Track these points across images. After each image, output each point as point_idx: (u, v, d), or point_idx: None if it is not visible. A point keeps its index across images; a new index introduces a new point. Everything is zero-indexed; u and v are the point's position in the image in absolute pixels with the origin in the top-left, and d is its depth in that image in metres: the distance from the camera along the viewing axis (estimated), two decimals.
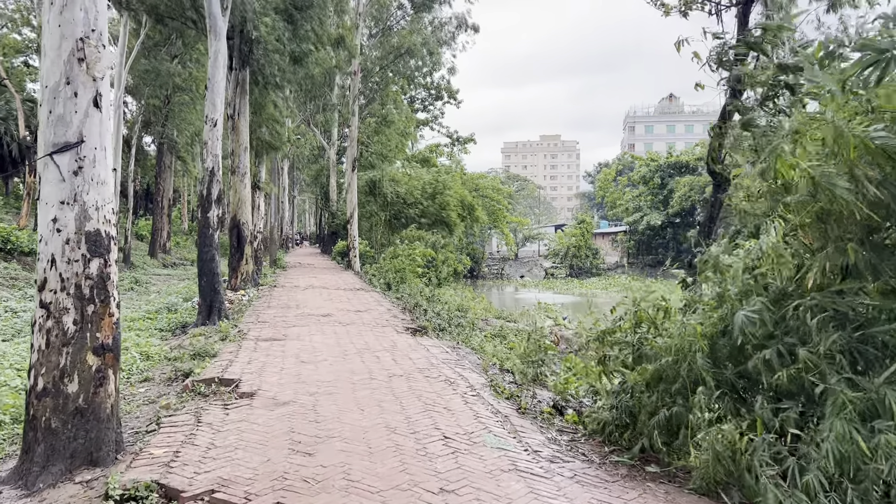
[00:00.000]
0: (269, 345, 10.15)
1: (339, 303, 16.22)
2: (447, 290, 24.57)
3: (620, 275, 59.55)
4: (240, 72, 19.77)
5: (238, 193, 20.31)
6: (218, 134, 14.28)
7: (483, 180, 47.52)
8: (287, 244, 62.74)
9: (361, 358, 8.99)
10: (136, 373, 9.37)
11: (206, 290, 13.90)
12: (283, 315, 13.82)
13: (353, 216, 29.90)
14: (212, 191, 14.09)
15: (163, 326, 14.40)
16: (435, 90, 55.69)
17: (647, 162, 59.99)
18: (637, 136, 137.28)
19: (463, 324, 15.45)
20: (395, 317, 13.84)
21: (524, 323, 20.08)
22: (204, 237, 14.00)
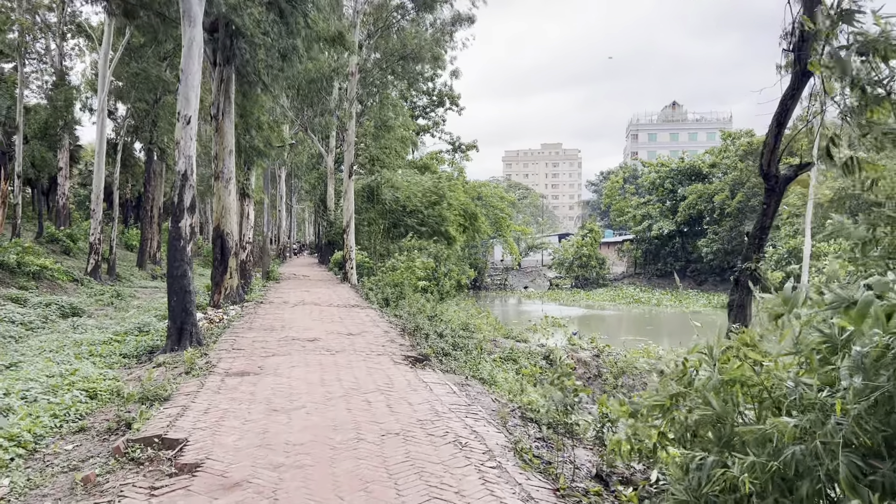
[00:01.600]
0: (238, 382, 8.39)
1: (331, 323, 14.46)
2: (450, 305, 22.81)
3: (628, 285, 57.76)
4: (224, 68, 18.08)
5: (222, 201, 18.59)
6: (192, 133, 12.56)
7: (486, 188, 45.86)
8: (284, 254, 61.04)
9: (348, 403, 7.22)
10: (72, 418, 7.62)
11: (176, 310, 12.15)
12: (264, 339, 12.05)
13: (349, 225, 28.18)
14: (184, 197, 12.36)
15: (128, 351, 12.64)
16: (436, 96, 54.19)
17: (657, 167, 58.27)
18: (640, 144, 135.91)
19: (469, 347, 13.68)
20: (393, 341, 12.07)
21: (535, 342, 18.32)
22: (174, 250, 12.26)
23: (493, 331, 17.26)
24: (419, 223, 33.78)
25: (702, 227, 55.82)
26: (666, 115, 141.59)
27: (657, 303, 45.09)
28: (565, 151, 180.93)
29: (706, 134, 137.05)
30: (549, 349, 16.08)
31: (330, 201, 44.85)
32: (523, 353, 15.76)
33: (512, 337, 17.96)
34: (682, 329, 35.81)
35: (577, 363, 16.02)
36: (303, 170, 58.69)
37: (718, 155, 57.68)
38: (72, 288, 25.15)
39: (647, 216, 58.74)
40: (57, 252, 31.36)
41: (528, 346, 16.90)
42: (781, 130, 8.75)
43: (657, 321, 39.02)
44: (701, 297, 47.86)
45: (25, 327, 15.99)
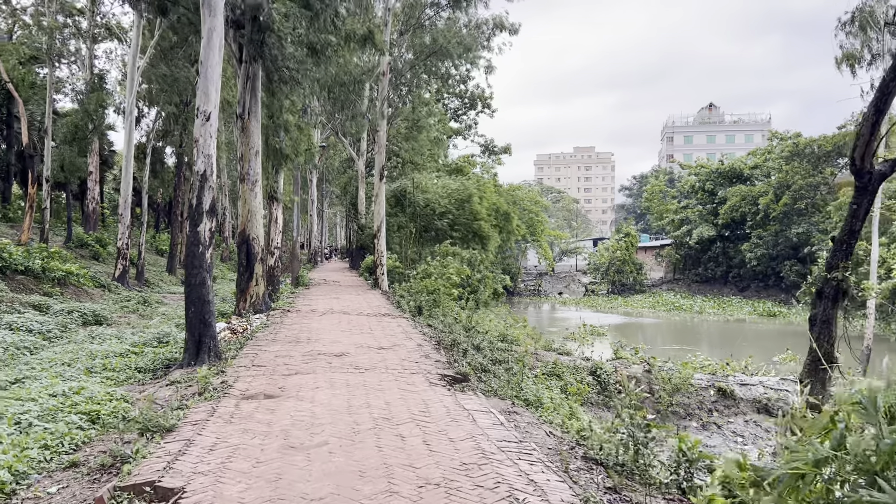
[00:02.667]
0: (255, 408, 7.38)
1: (360, 335, 13.43)
2: (486, 314, 21.67)
3: (666, 292, 55.97)
4: (250, 65, 17.23)
5: (248, 204, 17.74)
6: (211, 130, 11.67)
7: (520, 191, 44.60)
8: (315, 259, 60.51)
9: (378, 438, 6.15)
10: (65, 449, 6.68)
11: (193, 321, 11.25)
12: (288, 353, 11.07)
13: (380, 229, 27.22)
14: (203, 199, 11.46)
15: (144, 365, 11.80)
16: (468, 99, 53.16)
17: (696, 170, 56.38)
18: (676, 146, 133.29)
19: (510, 362, 12.55)
20: (428, 356, 10.98)
21: (578, 355, 17.09)
22: (192, 256, 11.36)
23: (532, 342, 16.07)
24: (450, 226, 32.72)
25: (744, 231, 53.84)
26: (702, 117, 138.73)
27: (699, 310, 43.37)
28: (598, 155, 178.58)
29: (744, 136, 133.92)
30: (596, 364, 14.86)
31: (361, 205, 44.05)
32: (567, 367, 14.57)
33: (553, 349, 16.77)
34: (728, 339, 34.15)
35: (626, 379, 14.77)
36: (334, 174, 58.18)
37: (761, 156, 55.66)
38: (98, 294, 24.60)
39: (685, 220, 56.86)
40: (86, 257, 30.99)
41: (571, 359, 15.70)
42: (880, 119, 7.47)
43: (700, 330, 37.37)
44: (745, 305, 45.99)
45: (43, 336, 15.28)
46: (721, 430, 14.37)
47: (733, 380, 16.09)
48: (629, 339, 31.58)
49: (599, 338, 31.71)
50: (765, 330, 36.26)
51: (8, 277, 20.52)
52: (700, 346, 31.63)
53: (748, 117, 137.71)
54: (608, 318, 40.64)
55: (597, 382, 14.25)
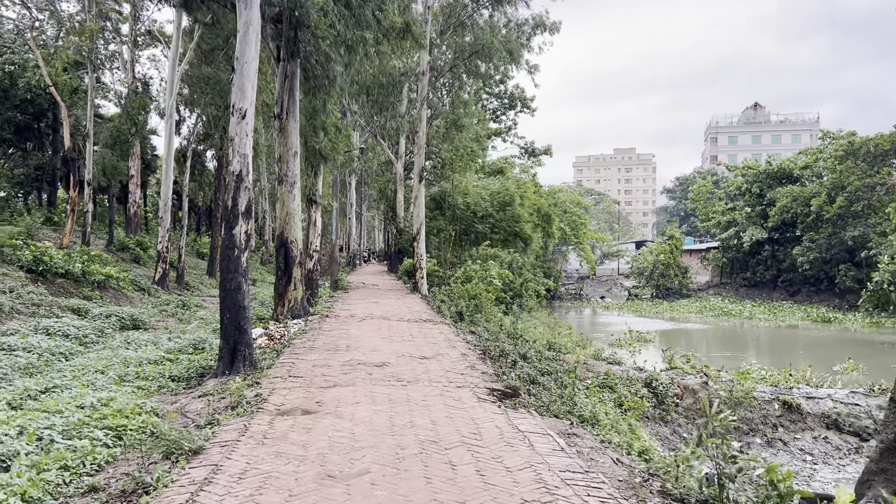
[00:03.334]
0: (290, 426, 6.77)
1: (401, 342, 12.80)
2: (529, 319, 20.87)
3: (713, 296, 54.25)
4: (288, 64, 16.80)
5: (286, 207, 17.30)
6: (248, 129, 11.17)
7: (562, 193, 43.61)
8: (354, 262, 60.39)
9: (426, 466, 5.47)
10: (86, 471, 6.16)
11: (228, 328, 10.75)
12: (327, 363, 10.48)
13: (419, 232, 26.64)
14: (238, 200, 10.96)
15: (178, 373, 11.33)
16: (507, 99, 52.38)
17: (744, 171, 54.57)
18: (720, 147, 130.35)
19: (559, 373, 11.77)
20: (474, 367, 10.28)
21: (630, 364, 16.19)
22: (227, 260, 10.87)
23: (582, 351, 15.24)
24: (491, 228, 31.99)
25: (794, 233, 51.89)
26: (747, 117, 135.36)
27: (749, 315, 41.76)
28: (639, 156, 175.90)
29: (791, 136, 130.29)
30: (651, 375, 13.97)
31: (399, 208, 43.62)
32: (620, 378, 13.72)
33: (604, 359, 15.91)
34: (781, 346, 32.68)
35: (683, 391, 13.86)
36: (372, 177, 57.96)
37: (812, 156, 53.62)
38: (137, 297, 24.51)
39: (733, 222, 55.07)
40: (127, 260, 31.08)
41: (623, 369, 14.82)
42: None
43: (751, 336, 35.91)
44: (797, 310, 44.18)
45: (79, 342, 15.02)
46: (788, 448, 13.35)
47: (798, 392, 15.03)
48: (677, 345, 30.40)
49: (646, 344, 30.63)
50: (820, 337, 34.65)
51: (48, 281, 20.47)
52: (752, 353, 30.28)
53: (795, 117, 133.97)
54: (653, 323, 39.39)
55: (653, 395, 13.38)
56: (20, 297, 17.79)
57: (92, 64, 27.17)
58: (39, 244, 22.30)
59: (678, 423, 13.19)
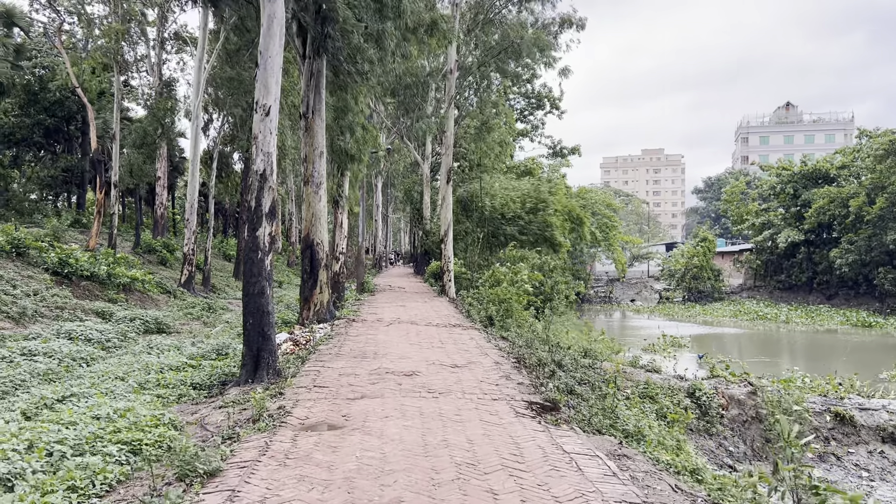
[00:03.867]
0: (314, 444, 6.25)
1: (430, 349, 12.25)
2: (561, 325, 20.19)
3: (747, 299, 52.90)
4: (314, 61, 16.37)
5: (312, 208, 16.87)
6: (272, 126, 10.72)
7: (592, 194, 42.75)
8: (380, 264, 60.13)
9: (464, 496, 4.90)
10: (95, 491, 5.69)
11: (251, 334, 10.29)
12: (353, 371, 9.96)
13: (447, 234, 26.10)
14: (262, 201, 10.51)
15: (200, 381, 10.90)
16: (535, 99, 51.65)
17: (779, 171, 53.13)
18: (751, 147, 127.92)
19: (598, 382, 11.13)
20: (509, 378, 9.69)
21: (670, 371, 15.45)
22: (250, 263, 10.41)
23: (621, 360, 14.56)
24: (520, 231, 31.31)
25: (831, 235, 50.37)
26: (779, 117, 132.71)
27: (786, 319, 40.50)
28: (667, 157, 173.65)
29: (824, 136, 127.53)
30: (694, 384, 13.24)
31: (426, 210, 43.14)
32: (661, 388, 13.00)
33: (641, 366, 15.18)
34: (821, 351, 31.53)
35: (728, 401, 13.11)
36: (398, 179, 57.66)
37: (849, 155, 52.01)
38: (163, 300, 24.31)
39: (767, 224, 53.64)
40: (153, 262, 31.00)
41: (663, 378, 14.10)
42: None
43: (789, 341, 34.75)
44: (835, 314, 42.79)
45: (101, 346, 14.72)
46: (841, 463, 12.54)
47: (850, 403, 14.17)
48: (712, 350, 29.45)
49: (680, 349, 29.71)
50: (861, 342, 33.40)
51: (73, 283, 20.30)
52: (790, 359, 29.23)
53: (829, 116, 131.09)
54: (686, 327, 38.36)
55: (696, 406, 12.65)
56: (44, 299, 17.60)
57: (118, 65, 27.09)
58: (65, 246, 22.18)
59: (724, 435, 12.45)
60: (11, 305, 15.88)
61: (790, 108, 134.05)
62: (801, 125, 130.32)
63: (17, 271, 18.83)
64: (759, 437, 12.56)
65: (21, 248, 20.26)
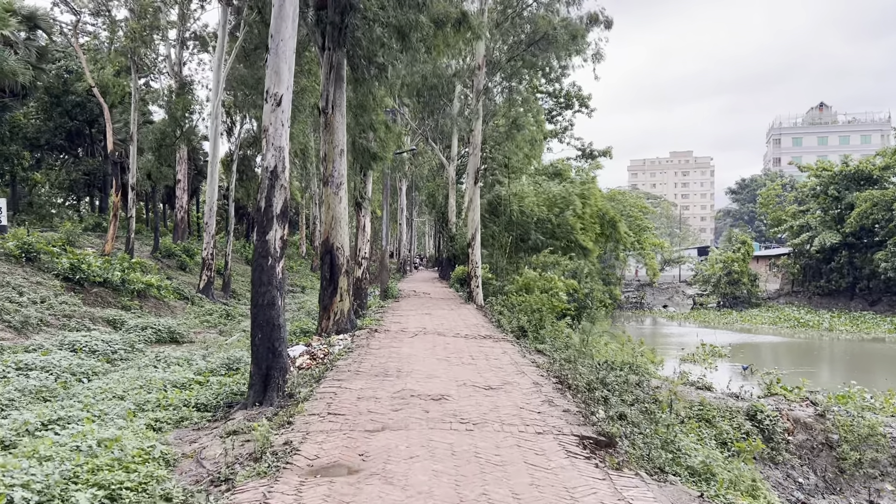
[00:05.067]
0: (324, 497, 5.06)
1: (460, 366, 11.02)
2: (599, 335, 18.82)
3: (784, 305, 50.87)
4: (334, 52, 15.26)
5: (332, 210, 15.75)
6: (283, 118, 9.60)
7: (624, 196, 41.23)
8: (405, 268, 59.09)
9: None
10: None
11: (260, 351, 9.17)
12: (374, 394, 8.78)
13: (475, 238, 24.86)
14: (273, 201, 9.39)
15: (206, 401, 9.82)
16: (564, 98, 50.27)
17: (818, 172, 51.05)
18: (783, 149, 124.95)
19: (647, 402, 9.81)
20: (552, 402, 8.43)
21: (723, 389, 14.04)
22: (259, 270, 9.29)
23: (679, 380, 13.19)
24: (550, 235, 29.95)
25: (873, 238, 48.22)
26: (812, 118, 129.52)
27: (829, 327, 38.58)
28: (696, 160, 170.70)
29: (860, 137, 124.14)
30: (754, 406, 11.84)
31: (451, 214, 41.95)
32: (716, 409, 11.64)
33: (691, 383, 13.80)
34: (871, 362, 29.71)
35: (793, 425, 11.69)
36: (423, 182, 56.63)
37: (892, 156, 49.80)
38: (180, 307, 23.41)
39: (805, 227, 51.58)
40: (172, 267, 30.22)
41: (717, 396, 12.72)
42: None
43: (835, 351, 32.93)
44: (881, 321, 40.71)
45: (106, 359, 13.73)
46: None
47: None
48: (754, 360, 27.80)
49: (720, 359, 28.11)
50: None
51: (85, 290, 19.44)
52: (840, 369, 27.50)
53: (864, 117, 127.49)
54: (723, 335, 36.63)
55: (758, 430, 11.25)
56: (51, 307, 16.71)
57: (135, 64, 26.33)
58: (79, 251, 21.37)
59: (791, 464, 11.04)
60: (14, 314, 14.99)
61: (824, 108, 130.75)
62: (835, 126, 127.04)
63: (25, 277, 17.99)
64: (832, 466, 11.12)
65: (32, 253, 19.46)
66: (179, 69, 31.33)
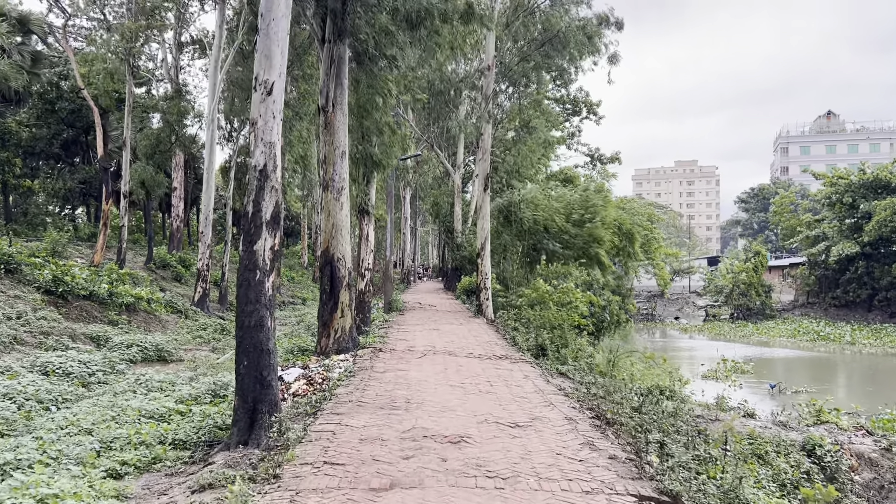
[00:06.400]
0: None
1: (478, 394, 9.64)
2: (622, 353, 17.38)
3: (799, 317, 49.35)
4: (335, 45, 13.98)
5: (332, 217, 14.43)
6: (275, 108, 8.28)
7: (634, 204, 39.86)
8: (408, 279, 57.73)
9: None
10: None
11: (246, 381, 7.81)
12: (380, 433, 7.40)
13: (484, 247, 23.50)
14: (262, 205, 8.06)
15: (184, 437, 8.47)
16: (571, 104, 49.02)
17: (834, 180, 49.65)
18: (791, 157, 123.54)
19: (702, 444, 8.43)
20: (592, 445, 7.05)
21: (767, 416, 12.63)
22: (246, 286, 7.94)
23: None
24: (563, 245, 28.55)
25: (891, 248, 46.79)
26: (820, 126, 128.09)
27: (851, 340, 37.07)
28: (701, 169, 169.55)
29: (868, 145, 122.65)
30: (811, 439, 10.41)
31: (457, 222, 40.62)
32: (768, 441, 10.23)
33: (730, 408, 12.40)
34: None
35: (857, 461, 10.25)
36: (427, 190, 55.44)
37: None
38: (172, 321, 22.05)
39: (821, 236, 50.14)
40: (167, 279, 28.89)
41: (762, 425, 11.30)
42: None
43: (861, 366, 31.42)
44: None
45: (81, 382, 12.37)
46: None
47: None
48: (779, 377, 26.35)
49: (742, 375, 26.66)
50: None
51: (68, 304, 18.10)
52: (870, 387, 26.01)
53: (873, 125, 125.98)
54: (741, 349, 35.17)
55: (819, 468, 9.84)
56: (28, 323, 15.36)
57: (130, 67, 25.10)
58: (62, 262, 20.06)
59: None
60: None
61: (831, 116, 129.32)
62: (844, 134, 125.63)
63: (2, 291, 16.67)
64: None
65: (12, 264, 18.14)
66: (176, 73, 30.13)
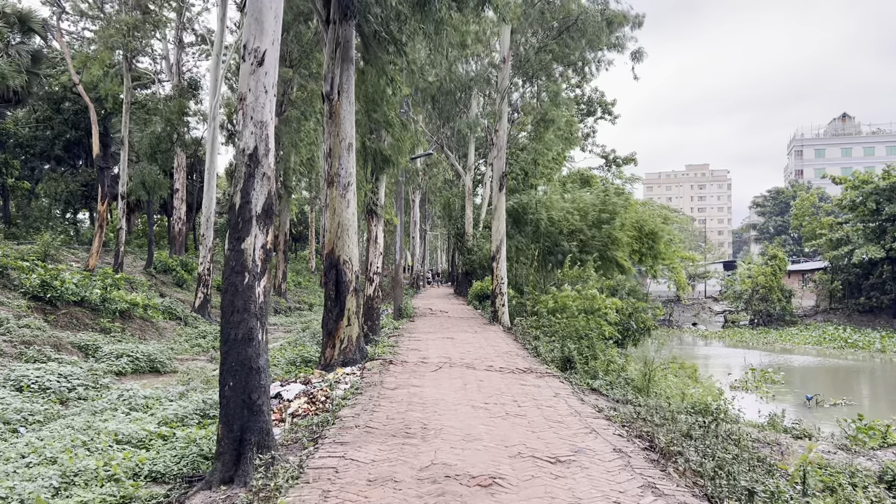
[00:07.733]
0: None
1: (505, 418, 8.31)
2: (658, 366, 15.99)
3: (821, 323, 47.69)
4: (340, 26, 12.74)
5: (338, 216, 13.17)
6: (267, 81, 7.02)
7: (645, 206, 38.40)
8: (418, 283, 56.50)
9: None
10: None
11: (231, 405, 6.53)
12: (392, 471, 6.09)
13: (500, 250, 22.22)
14: (250, 195, 6.80)
15: (162, 468, 7.21)
16: (585, 104, 47.70)
17: (857, 183, 48.04)
18: (805, 161, 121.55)
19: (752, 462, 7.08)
20: (655, 488, 5.71)
21: (826, 435, 11.23)
22: (233, 292, 6.67)
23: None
24: (580, 248, 27.20)
25: None
26: (835, 129, 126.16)
27: (881, 348, 35.45)
28: (713, 173, 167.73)
29: (885, 148, 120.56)
30: (890, 469, 9.02)
31: (468, 226, 39.37)
32: (838, 470, 8.84)
33: (784, 429, 11.02)
34: None
35: None
36: (436, 194, 54.27)
37: None
38: (170, 328, 20.83)
39: (844, 240, 48.51)
40: (168, 284, 27.68)
41: (825, 451, 9.92)
42: None
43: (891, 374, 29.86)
44: None
45: (58, 399, 11.12)
46: None
47: None
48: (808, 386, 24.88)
49: (773, 385, 25.19)
50: None
51: (57, 310, 16.89)
52: None
53: (890, 127, 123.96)
54: (764, 356, 33.63)
55: None
56: (9, 332, 14.14)
57: (127, 62, 23.99)
58: (53, 266, 18.87)
59: None
60: None
61: (846, 119, 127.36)
62: (859, 137, 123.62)
63: None
64: None
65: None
66: (178, 70, 29.03)
